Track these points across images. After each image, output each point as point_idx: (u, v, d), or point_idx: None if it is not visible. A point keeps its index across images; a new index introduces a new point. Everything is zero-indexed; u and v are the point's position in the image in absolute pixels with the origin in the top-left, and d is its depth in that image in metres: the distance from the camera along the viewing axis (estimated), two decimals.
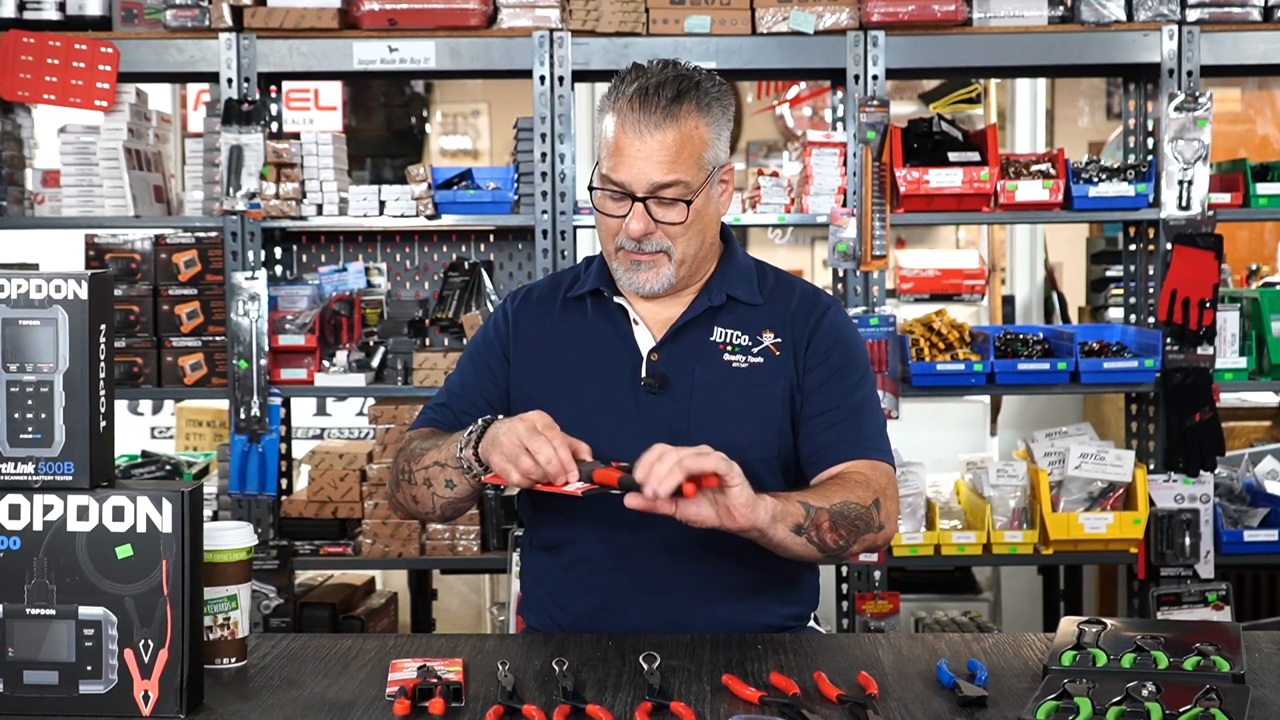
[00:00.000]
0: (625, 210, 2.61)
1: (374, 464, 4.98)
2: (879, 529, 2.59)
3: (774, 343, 2.71)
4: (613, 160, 2.61)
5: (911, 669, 2.38)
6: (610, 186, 2.62)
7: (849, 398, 2.70)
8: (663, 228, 2.62)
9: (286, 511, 5.03)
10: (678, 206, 2.61)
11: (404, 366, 4.93)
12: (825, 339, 2.73)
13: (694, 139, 2.61)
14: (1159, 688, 2.11)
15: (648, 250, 2.63)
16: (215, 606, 2.37)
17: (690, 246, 2.66)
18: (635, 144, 2.58)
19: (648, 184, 2.59)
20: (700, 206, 2.64)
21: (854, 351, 2.76)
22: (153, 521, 2.15)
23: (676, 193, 2.60)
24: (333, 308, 5.01)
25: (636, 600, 2.66)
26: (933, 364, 4.83)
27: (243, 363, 4.85)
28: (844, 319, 2.79)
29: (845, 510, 2.53)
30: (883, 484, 2.63)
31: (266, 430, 4.89)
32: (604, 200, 2.64)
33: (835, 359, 2.72)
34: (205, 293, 4.99)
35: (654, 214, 2.61)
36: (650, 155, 2.58)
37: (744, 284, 2.76)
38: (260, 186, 4.85)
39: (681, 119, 2.59)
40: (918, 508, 4.84)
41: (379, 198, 4.91)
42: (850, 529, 2.54)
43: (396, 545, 4.94)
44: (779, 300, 2.77)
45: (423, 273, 5.37)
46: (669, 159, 2.58)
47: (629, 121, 2.59)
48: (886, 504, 2.61)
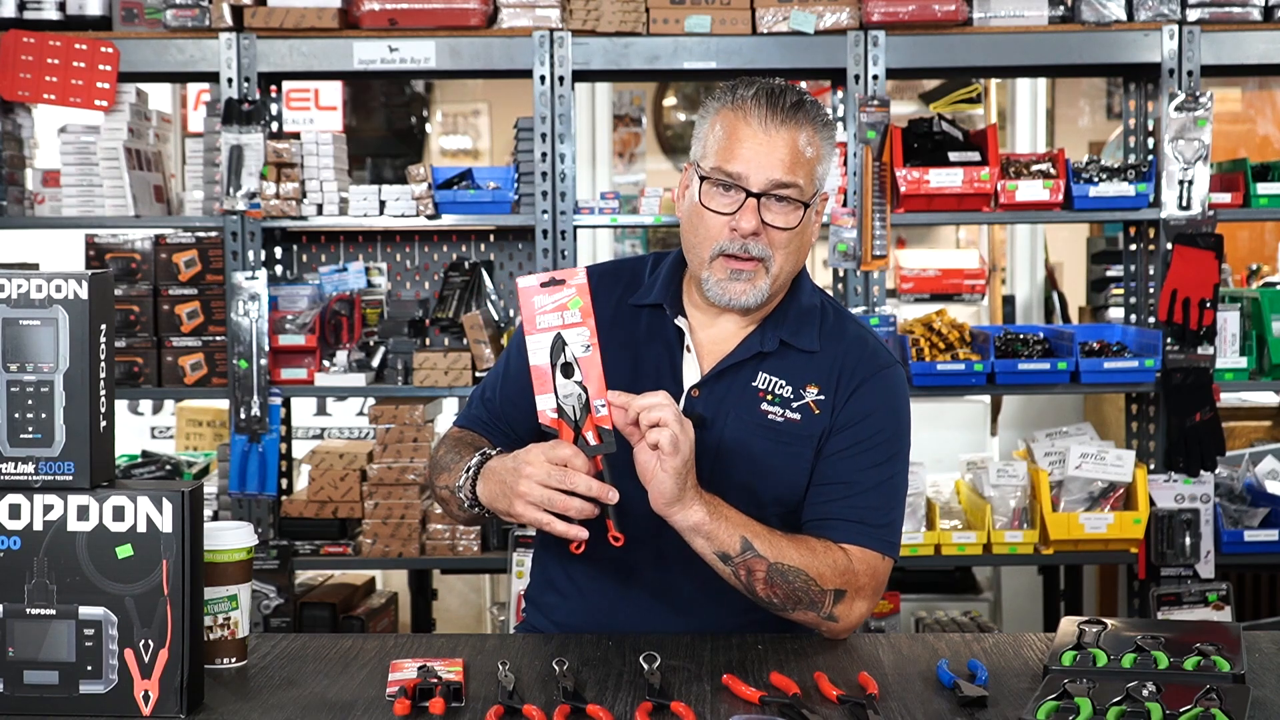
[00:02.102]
0: (734, 207, 2.53)
1: (374, 464, 4.98)
2: (826, 616, 2.50)
3: (815, 400, 2.60)
4: (730, 152, 2.53)
5: (912, 669, 2.38)
6: (724, 178, 2.53)
7: (866, 475, 2.58)
8: (770, 233, 2.53)
9: (286, 511, 5.03)
10: (792, 211, 2.54)
11: (404, 366, 4.93)
12: (863, 403, 2.60)
13: (812, 149, 2.55)
14: (1159, 688, 2.11)
15: (751, 254, 2.53)
16: (215, 606, 2.36)
17: (788, 263, 2.57)
18: (760, 136, 2.52)
19: (766, 180, 2.51)
20: (807, 221, 2.57)
21: (891, 424, 2.61)
22: (153, 521, 2.15)
23: (792, 194, 2.53)
24: (333, 308, 5.01)
25: (640, 602, 2.66)
26: (933, 364, 4.83)
27: (243, 362, 4.85)
28: (895, 386, 2.64)
29: (790, 576, 2.46)
30: (859, 580, 2.52)
31: (267, 430, 4.89)
32: (712, 195, 2.54)
33: (866, 428, 2.60)
34: (205, 292, 4.99)
35: (764, 215, 2.52)
36: (773, 151, 2.51)
37: (803, 327, 2.65)
38: (260, 186, 4.85)
39: (803, 125, 2.53)
40: (918, 507, 4.84)
41: (379, 197, 4.91)
42: (788, 594, 2.47)
43: (397, 545, 4.94)
44: (834, 348, 2.64)
45: (423, 273, 5.37)
46: (790, 160, 2.52)
47: (754, 115, 2.52)
48: (852, 600, 2.51)
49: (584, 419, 2.36)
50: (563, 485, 2.33)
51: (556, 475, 2.33)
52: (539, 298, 2.38)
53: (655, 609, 2.65)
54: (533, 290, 2.39)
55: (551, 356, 2.37)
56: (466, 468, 2.52)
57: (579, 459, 2.34)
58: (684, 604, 2.65)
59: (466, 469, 2.51)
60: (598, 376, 2.36)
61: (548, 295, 2.38)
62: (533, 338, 2.38)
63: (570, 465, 2.34)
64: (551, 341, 2.37)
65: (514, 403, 2.71)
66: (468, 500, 2.51)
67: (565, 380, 2.36)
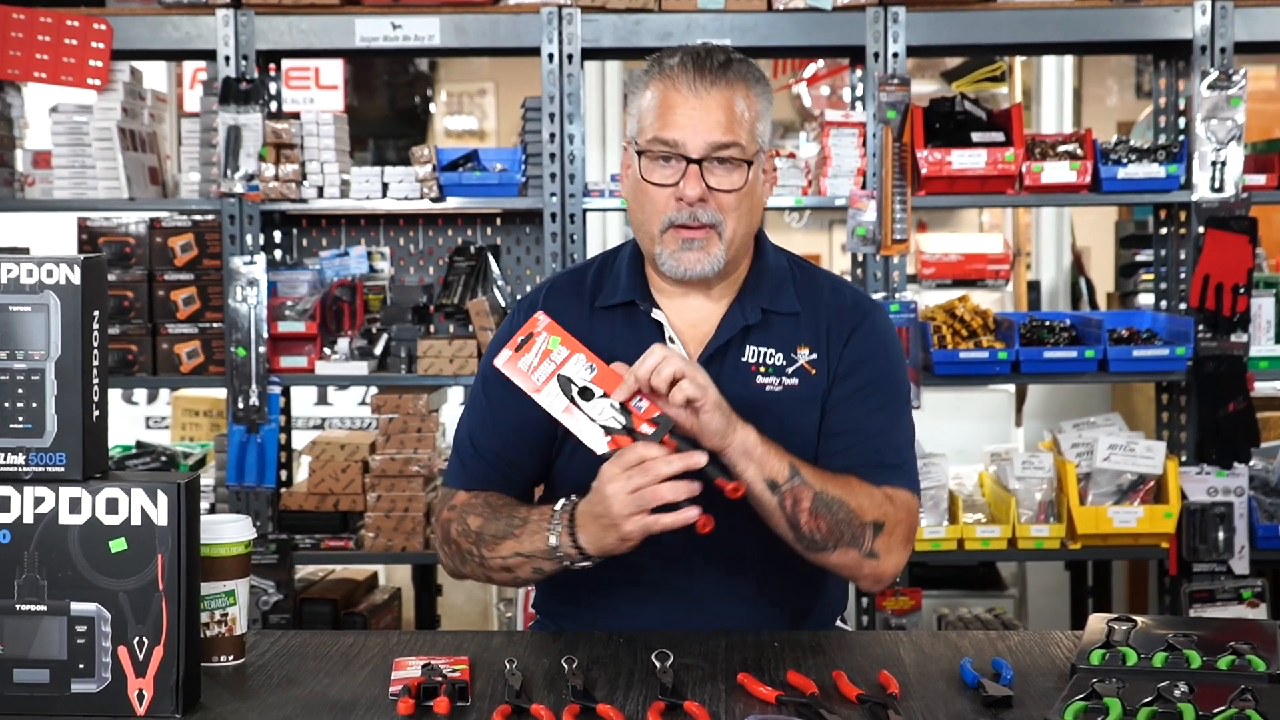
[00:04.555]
0: (677, 176, 2.55)
1: (377, 455, 4.98)
2: (867, 553, 2.52)
3: (809, 360, 2.64)
4: (664, 121, 2.55)
5: (934, 668, 2.37)
6: (662, 148, 2.56)
7: (874, 418, 2.63)
8: (717, 197, 2.55)
9: (286, 504, 5.03)
10: (736, 171, 2.56)
11: (408, 354, 4.93)
12: (857, 351, 2.66)
13: (748, 107, 2.58)
14: (1192, 688, 2.10)
15: (701, 221, 2.55)
16: (212, 602, 2.36)
17: (740, 225, 2.59)
18: (691, 100, 2.55)
19: (705, 144, 2.54)
20: (753, 180, 2.60)
21: (889, 365, 2.68)
22: (147, 514, 2.14)
23: (734, 154, 2.56)
24: (334, 293, 5.01)
25: (653, 601, 2.67)
26: (955, 352, 4.82)
27: (241, 350, 4.85)
28: (883, 327, 2.71)
29: (833, 506, 2.48)
30: (896, 514, 2.56)
31: (265, 420, 4.89)
32: (652, 167, 2.57)
33: (866, 373, 2.65)
34: (202, 278, 4.98)
35: (709, 179, 2.55)
36: (708, 112, 2.54)
37: (779, 291, 2.68)
38: (259, 168, 4.85)
39: (735, 84, 2.57)
40: (940, 500, 4.84)
41: (382, 180, 4.91)
42: (831, 527, 2.48)
43: (400, 539, 4.94)
44: (815, 304, 2.69)
45: (427, 257, 5.36)
46: (726, 120, 2.55)
47: (683, 81, 2.55)
48: (889, 536, 2.54)
49: (631, 420, 2.37)
50: (648, 477, 2.33)
51: (637, 475, 2.34)
52: (523, 361, 2.42)
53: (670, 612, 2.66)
54: (513, 361, 2.43)
55: (568, 397, 2.39)
56: (550, 531, 2.48)
57: (650, 449, 2.35)
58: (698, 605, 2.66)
59: (551, 532, 2.48)
60: (616, 382, 2.38)
61: (528, 355, 2.41)
62: (541, 396, 2.41)
63: (645, 460, 2.34)
64: (559, 388, 2.40)
65: (512, 442, 2.68)
66: (573, 559, 2.47)
67: (591, 403, 2.38)
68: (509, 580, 2.59)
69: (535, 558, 2.51)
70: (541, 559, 2.50)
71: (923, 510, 4.82)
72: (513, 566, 2.54)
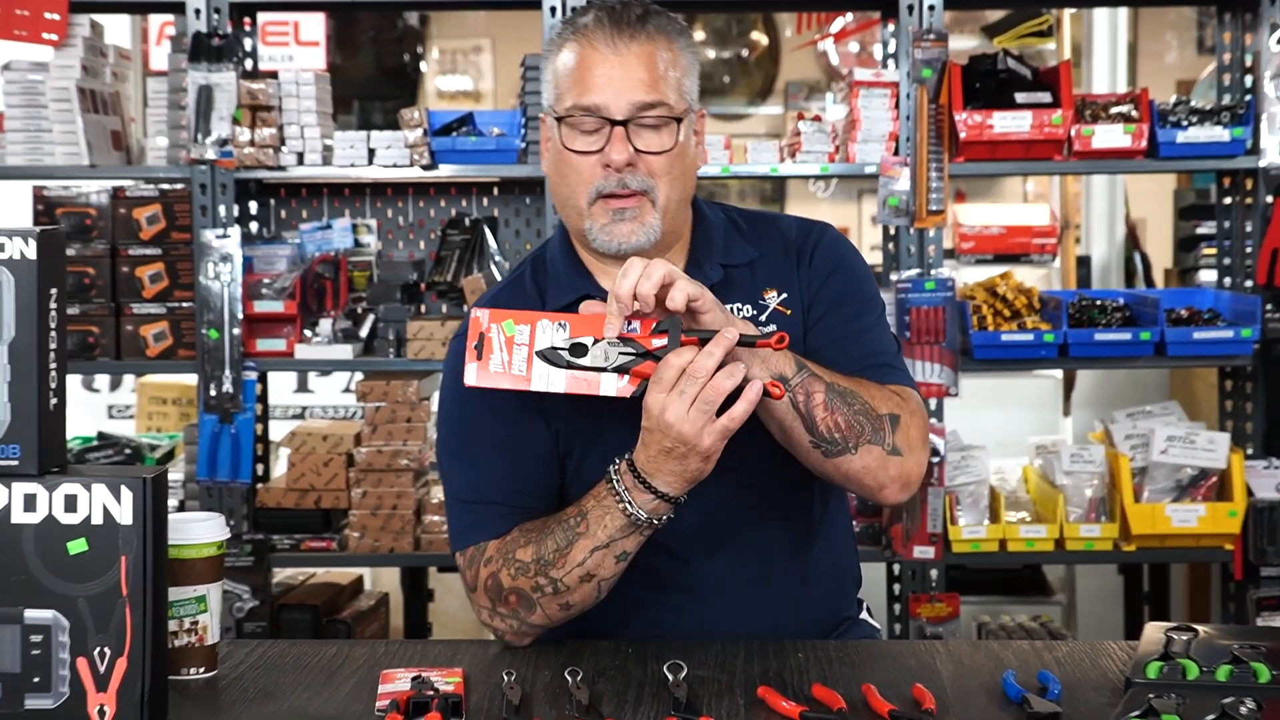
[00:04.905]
0: (601, 142, 2.56)
1: (362, 447, 4.98)
2: (891, 449, 2.53)
3: (780, 302, 2.69)
4: (583, 84, 2.56)
5: (974, 681, 2.37)
6: (584, 113, 2.56)
7: (855, 323, 2.68)
8: (646, 160, 2.56)
9: (263, 501, 5.03)
10: (664, 131, 2.58)
11: (396, 337, 4.93)
12: (822, 267, 2.71)
13: (672, 62, 2.59)
14: (1259, 704, 2.10)
15: (631, 187, 2.56)
16: (181, 609, 2.37)
17: (674, 190, 2.60)
18: (611, 59, 2.56)
19: (628, 104, 2.55)
20: (684, 141, 2.61)
21: (856, 274, 2.74)
22: (110, 512, 2.14)
23: (660, 114, 2.57)
24: (315, 270, 5.01)
25: (657, 602, 2.67)
26: (997, 334, 4.81)
27: (213, 332, 4.85)
28: (838, 241, 2.77)
29: (847, 398, 2.49)
30: (908, 404, 2.59)
31: (240, 409, 4.89)
32: (574, 135, 2.58)
33: (835, 286, 2.70)
34: (170, 253, 4.98)
35: (636, 142, 2.56)
36: (629, 70, 2.55)
37: (731, 244, 2.73)
38: (233, 132, 4.85)
39: (655, 37, 2.58)
40: (980, 498, 4.83)
41: (368, 145, 4.90)
42: (850, 422, 2.48)
43: (388, 539, 4.95)
44: (768, 245, 2.74)
45: (418, 230, 5.36)
46: (649, 77, 2.56)
47: (599, 39, 2.56)
48: (907, 432, 2.56)
49: (639, 345, 2.35)
50: (699, 381, 2.31)
51: (688, 386, 2.31)
52: (492, 364, 2.38)
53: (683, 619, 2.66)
54: (483, 369, 2.38)
55: (562, 365, 2.37)
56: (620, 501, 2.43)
57: (681, 355, 2.32)
58: (713, 611, 2.66)
59: (622, 501, 2.44)
60: (596, 327, 2.37)
61: (493, 354, 2.38)
62: (534, 382, 2.37)
63: (684, 367, 2.32)
64: (546, 364, 2.37)
65: (522, 473, 2.63)
66: (659, 513, 2.44)
67: (589, 356, 2.36)
68: (591, 592, 2.53)
69: (616, 541, 2.47)
70: (623, 538, 2.47)
71: (960, 508, 4.82)
72: (593, 569, 2.50)
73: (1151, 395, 5.93)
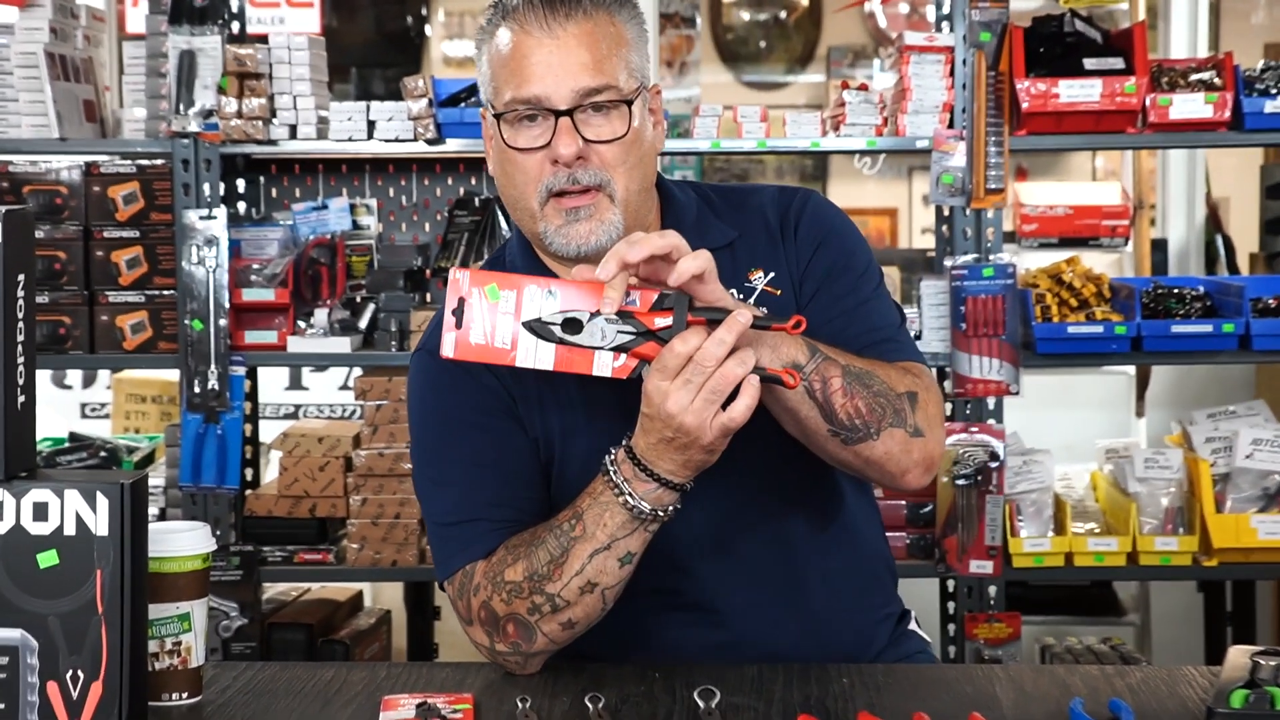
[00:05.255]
0: (546, 135, 2.53)
1: (362, 450, 4.99)
2: (913, 430, 2.52)
3: (767, 282, 2.68)
4: (520, 74, 2.53)
5: (1037, 709, 2.37)
6: (524, 107, 2.54)
7: (852, 296, 2.67)
8: (597, 151, 2.54)
9: (252, 509, 5.04)
10: (615, 117, 2.55)
11: (399, 328, 4.93)
12: (808, 240, 2.71)
13: (616, 37, 2.57)
14: None
15: (584, 183, 2.54)
16: (163, 628, 2.37)
17: (634, 180, 2.58)
18: (548, 42, 2.53)
19: (571, 91, 2.52)
20: (639, 127, 2.59)
21: (848, 240, 2.74)
22: (84, 521, 2.14)
23: (609, 98, 2.54)
24: (310, 255, 5.02)
25: (669, 622, 2.67)
26: (1062, 325, 4.80)
27: (197, 323, 4.85)
28: (823, 207, 2.76)
29: (864, 378, 2.48)
30: (921, 380, 2.58)
31: (227, 407, 4.90)
32: (516, 132, 2.56)
33: (826, 256, 2.69)
34: (150, 235, 4.99)
35: (585, 132, 2.54)
36: (569, 54, 2.53)
37: (706, 226, 2.71)
38: (218, 102, 4.85)
39: (593, 14, 2.55)
40: (1044, 507, 4.82)
41: (367, 117, 4.91)
42: (870, 405, 2.47)
43: (390, 551, 4.95)
44: (746, 221, 2.73)
45: (422, 211, 5.37)
46: (593, 58, 2.53)
47: (532, 22, 2.53)
48: (925, 410, 2.55)
49: (639, 323, 2.32)
50: (706, 370, 2.28)
51: (694, 374, 2.28)
52: (474, 334, 2.33)
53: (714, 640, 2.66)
54: (463, 341, 2.34)
55: (553, 339, 2.33)
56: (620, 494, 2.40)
57: (688, 340, 2.29)
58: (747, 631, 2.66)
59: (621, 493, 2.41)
60: (593, 295, 2.32)
61: (475, 324, 2.34)
62: (520, 356, 2.33)
63: (690, 353, 2.29)
64: (534, 336, 2.33)
65: (510, 479, 2.62)
66: (665, 504, 2.42)
67: (584, 333, 2.32)
68: (595, 605, 2.50)
69: (617, 541, 2.44)
70: (625, 537, 2.44)
71: (1022, 519, 4.81)
72: (594, 577, 2.47)
73: (1235, 394, 5.91)
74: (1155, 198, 7.73)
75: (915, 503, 4.88)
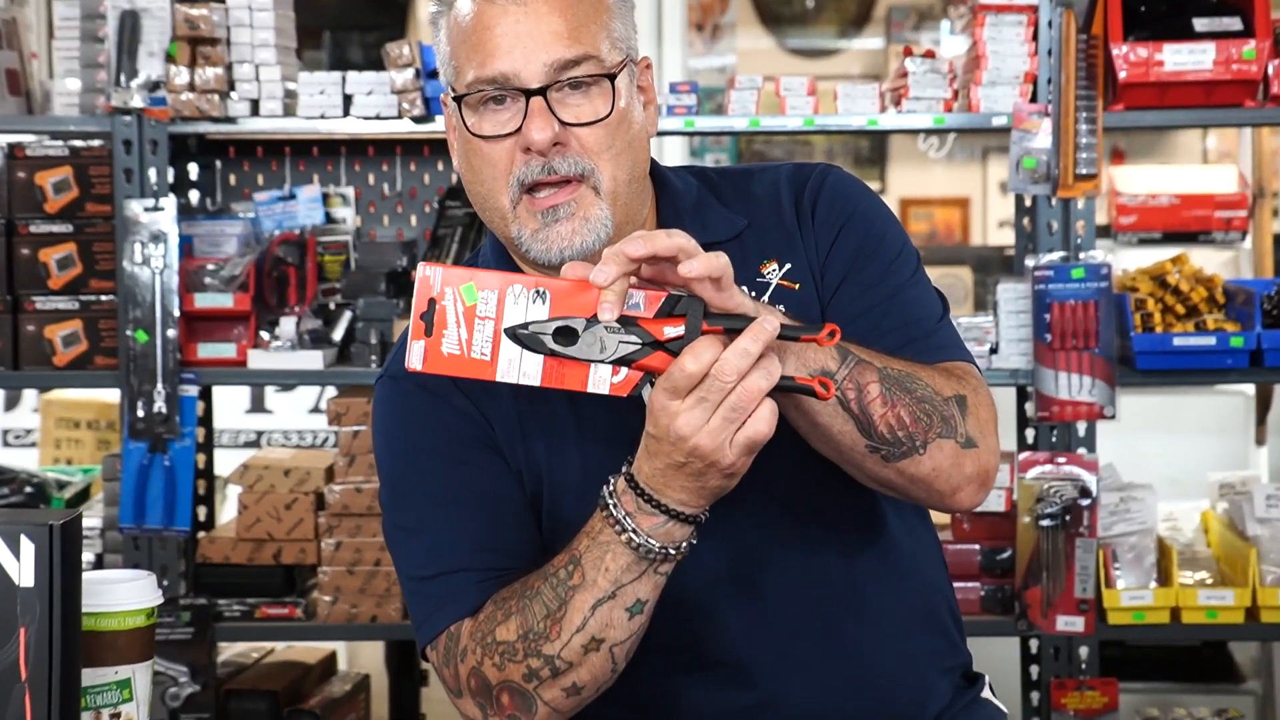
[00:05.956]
0: (517, 120, 2.52)
1: (335, 485, 4.99)
2: (964, 441, 2.50)
3: (784, 275, 2.67)
4: (483, 48, 2.52)
5: None
6: (490, 87, 2.52)
7: (883, 286, 2.66)
8: (577, 135, 2.53)
9: (206, 554, 5.05)
10: (596, 94, 2.55)
11: (380, 340, 4.93)
12: (829, 222, 2.70)
13: (594, 2, 2.56)
14: None
15: (562, 173, 2.52)
16: (100, 696, 2.37)
17: (622, 168, 2.57)
18: (513, 10, 2.51)
19: (544, 65, 2.51)
20: (625, 107, 2.58)
21: (875, 221, 2.72)
22: (5, 571, 2.15)
23: (588, 71, 2.53)
24: (275, 253, 5.02)
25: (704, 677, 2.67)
26: (1167, 336, 4.79)
27: (141, 334, 4.86)
28: (844, 183, 2.75)
29: (905, 382, 2.46)
30: (970, 385, 2.56)
31: (177, 434, 4.90)
32: (483, 117, 2.55)
33: (850, 241, 2.69)
34: (85, 230, 5.00)
35: (561, 114, 2.52)
36: (539, 21, 2.51)
37: (708, 216, 2.71)
38: (167, 72, 4.86)
39: None
40: (1146, 553, 4.81)
41: (343, 90, 4.91)
42: (914, 413, 2.45)
43: (368, 605, 4.95)
44: (756, 209, 2.72)
45: (408, 201, 5.37)
46: (567, 25, 2.52)
47: None
48: (976, 415, 2.53)
49: (645, 331, 2.30)
50: (724, 386, 2.25)
51: (710, 392, 2.25)
52: (446, 343, 2.27)
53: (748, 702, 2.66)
54: (433, 350, 2.29)
55: (542, 349, 2.31)
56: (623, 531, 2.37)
57: (702, 351, 2.24)
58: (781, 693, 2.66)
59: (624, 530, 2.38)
60: (587, 301, 2.28)
61: (448, 330, 2.30)
62: (501, 371, 2.29)
63: (707, 368, 2.25)
64: (518, 347, 2.30)
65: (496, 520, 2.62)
66: (677, 541, 2.39)
67: (578, 345, 2.30)
68: (603, 665, 2.48)
69: (624, 588, 2.41)
70: (633, 581, 2.41)
71: (1119, 567, 4.80)
72: (600, 632, 2.45)
73: None
74: (1278, 184, 7.73)
75: (990, 547, 4.88)
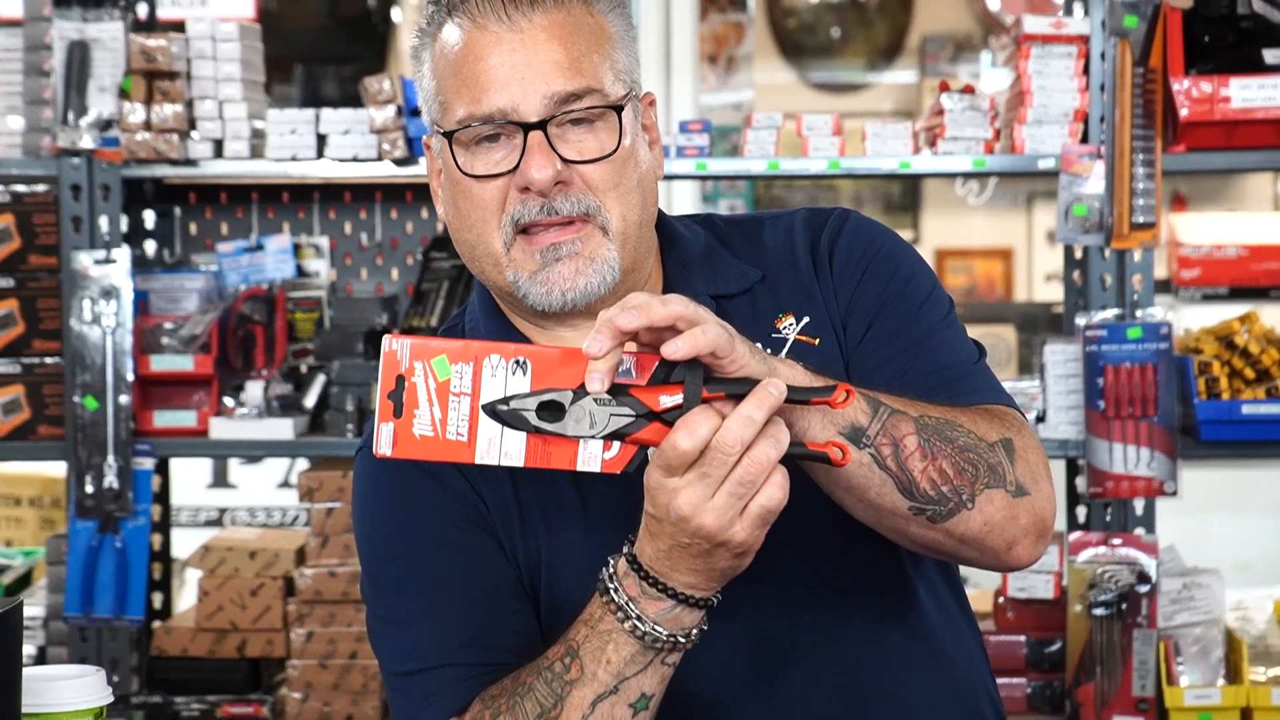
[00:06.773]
0: (514, 157, 2.53)
1: (306, 567, 4.98)
2: (1014, 489, 2.48)
3: (801, 330, 2.67)
4: (475, 81, 2.54)
5: None
6: (483, 123, 2.54)
7: (911, 331, 2.67)
8: (581, 174, 2.54)
9: (162, 647, 5.04)
10: (601, 128, 2.56)
11: (357, 406, 4.93)
12: (849, 269, 2.70)
13: (596, 30, 2.57)
14: None
15: (565, 213, 2.53)
16: None
17: (631, 208, 2.58)
18: (509, 38, 2.53)
19: (543, 98, 2.52)
20: (631, 144, 2.59)
21: (899, 264, 2.72)
22: None
23: (591, 104, 2.54)
24: (240, 310, 5.02)
25: None
26: (1235, 403, 4.79)
27: (90, 401, 4.86)
28: (865, 227, 2.75)
29: (945, 430, 2.44)
30: (1015, 426, 2.56)
31: (129, 512, 4.89)
32: (475, 155, 2.56)
33: (873, 287, 2.69)
34: (27, 285, 5.01)
35: (563, 150, 2.53)
36: (536, 50, 2.53)
37: (719, 267, 2.72)
38: (120, 110, 4.86)
39: (566, 1, 2.56)
40: (1213, 646, 4.80)
41: (316, 129, 4.92)
42: (957, 465, 2.43)
43: (343, 703, 4.94)
44: (769, 258, 2.73)
45: (388, 253, 5.38)
46: (566, 55, 2.54)
47: (488, 13, 2.53)
48: (1025, 455, 2.52)
49: (638, 402, 2.28)
50: (727, 461, 2.23)
51: (712, 467, 2.24)
52: (418, 424, 2.26)
53: None
54: (404, 432, 2.28)
55: (525, 426, 2.30)
56: (626, 619, 2.37)
57: (698, 423, 2.23)
58: None
59: (628, 618, 2.38)
60: (572, 371, 2.26)
61: (420, 409, 2.29)
62: (480, 453, 2.28)
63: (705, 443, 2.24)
64: (499, 425, 2.29)
65: (489, 606, 2.63)
66: (687, 629, 2.39)
67: (565, 420, 2.29)
68: None
69: (628, 681, 2.41)
70: (637, 674, 2.41)
71: (1182, 661, 4.79)
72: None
73: None
74: None
75: (1038, 639, 4.87)
